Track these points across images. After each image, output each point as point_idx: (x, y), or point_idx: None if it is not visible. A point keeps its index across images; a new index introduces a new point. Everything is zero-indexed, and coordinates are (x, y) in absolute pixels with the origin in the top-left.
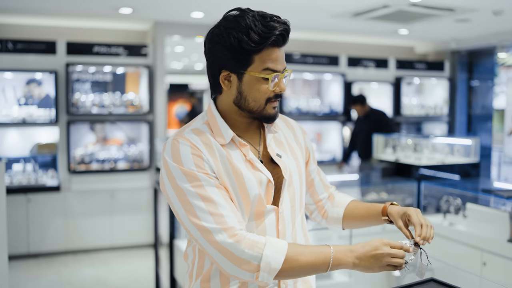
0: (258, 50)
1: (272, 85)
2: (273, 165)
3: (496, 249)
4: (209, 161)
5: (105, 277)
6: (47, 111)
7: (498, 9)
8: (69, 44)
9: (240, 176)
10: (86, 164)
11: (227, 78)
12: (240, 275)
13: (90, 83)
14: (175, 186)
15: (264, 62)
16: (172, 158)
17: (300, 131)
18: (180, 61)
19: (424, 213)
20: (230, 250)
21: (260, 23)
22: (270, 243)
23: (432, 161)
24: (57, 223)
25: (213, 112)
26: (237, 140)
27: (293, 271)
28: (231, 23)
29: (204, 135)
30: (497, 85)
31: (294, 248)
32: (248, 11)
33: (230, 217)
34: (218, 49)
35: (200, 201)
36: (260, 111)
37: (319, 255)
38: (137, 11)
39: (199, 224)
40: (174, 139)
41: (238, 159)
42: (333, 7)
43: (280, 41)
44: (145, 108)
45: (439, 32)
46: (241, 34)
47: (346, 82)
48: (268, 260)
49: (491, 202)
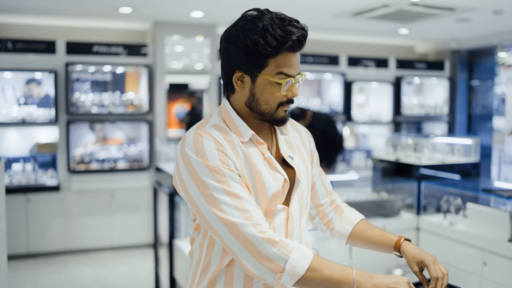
0: (274, 54)
1: (285, 90)
2: (284, 166)
3: (496, 249)
4: (232, 158)
5: (105, 277)
6: (46, 111)
7: (499, 9)
8: (68, 44)
9: (260, 175)
10: (85, 164)
11: (240, 78)
12: (262, 273)
13: (89, 82)
14: (197, 180)
15: (278, 67)
16: (196, 153)
17: (305, 134)
18: (180, 61)
19: (424, 213)
20: (257, 246)
21: (277, 27)
22: (298, 248)
23: (432, 160)
24: (57, 223)
25: (229, 110)
26: (255, 139)
27: (314, 281)
28: (249, 24)
29: (225, 131)
30: (497, 85)
31: (319, 259)
32: (266, 12)
33: (257, 213)
34: (233, 49)
35: (226, 196)
36: (271, 114)
37: (342, 272)
38: (137, 10)
39: (225, 218)
40: (196, 133)
41: (257, 157)
42: (333, 7)
43: (297, 46)
44: (145, 107)
45: (439, 32)
46: (257, 36)
47: (346, 81)
48: (293, 263)
49: (492, 202)
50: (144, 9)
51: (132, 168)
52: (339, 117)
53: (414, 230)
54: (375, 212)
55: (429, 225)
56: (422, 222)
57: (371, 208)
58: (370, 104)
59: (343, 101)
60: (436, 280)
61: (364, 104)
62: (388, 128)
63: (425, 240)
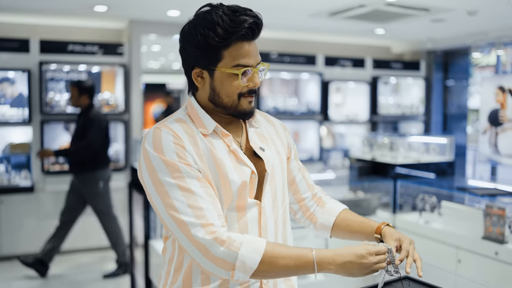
0: (225, 45)
1: (244, 80)
2: (255, 158)
3: (470, 246)
4: (191, 151)
5: (80, 279)
6: (20, 111)
7: (472, 9)
8: (42, 42)
9: (223, 168)
10: (60, 165)
11: (199, 75)
12: (216, 272)
13: (64, 82)
14: (154, 177)
15: (233, 58)
16: (154, 148)
17: (281, 127)
18: (157, 61)
19: (400, 212)
20: (207, 246)
21: (228, 18)
22: (247, 242)
23: (408, 159)
24: (31, 224)
25: (194, 105)
26: (220, 130)
27: (271, 272)
28: (199, 19)
29: (187, 125)
30: (471, 85)
31: (273, 249)
32: (219, 6)
33: (210, 211)
34: (187, 46)
35: (179, 193)
36: (234, 106)
37: (300, 259)
38: (112, 9)
39: (177, 218)
40: (156, 127)
41: (222, 150)
42: (310, 6)
43: (250, 35)
44: (120, 107)
45: (415, 32)
46: (207, 30)
47: (323, 81)
48: (243, 259)
49: (466, 200)
50: (120, 8)
51: None
52: (317, 117)
53: None
54: (351, 210)
55: (405, 223)
56: (398, 220)
57: (348, 207)
58: (347, 103)
59: (320, 101)
60: (407, 254)
61: (341, 103)
62: (365, 127)
63: None
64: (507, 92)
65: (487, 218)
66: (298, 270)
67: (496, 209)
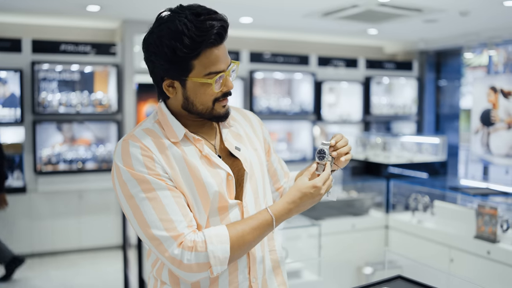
0: (195, 55)
1: (217, 87)
2: (232, 158)
3: (463, 245)
4: (160, 162)
5: (73, 280)
6: (12, 111)
7: (465, 10)
8: (35, 42)
9: (197, 174)
10: (53, 165)
11: (170, 85)
12: (196, 277)
13: (57, 82)
14: (125, 191)
15: (205, 66)
16: (123, 162)
17: (257, 122)
18: None
19: (393, 211)
20: (178, 259)
21: (193, 25)
22: (210, 236)
23: (400, 159)
24: (23, 225)
25: (164, 111)
26: (191, 136)
27: (243, 250)
28: (163, 29)
29: (156, 134)
30: (464, 85)
31: (236, 230)
32: (179, 11)
33: (180, 222)
34: (154, 59)
35: (150, 206)
36: (209, 112)
37: (263, 225)
38: (105, 9)
39: (148, 232)
40: (124, 140)
41: (194, 155)
42: (303, 7)
43: (218, 40)
44: (113, 107)
45: (408, 33)
46: (173, 41)
47: (316, 81)
48: (215, 254)
49: (458, 200)
50: (113, 8)
51: (100, 168)
52: (310, 117)
53: (383, 228)
54: (344, 210)
55: (397, 223)
56: (391, 220)
57: (341, 207)
58: (340, 103)
59: (313, 101)
60: (340, 137)
61: (334, 103)
62: (358, 127)
63: (394, 238)
64: (498, 92)
65: (479, 218)
66: (265, 234)
67: (488, 208)
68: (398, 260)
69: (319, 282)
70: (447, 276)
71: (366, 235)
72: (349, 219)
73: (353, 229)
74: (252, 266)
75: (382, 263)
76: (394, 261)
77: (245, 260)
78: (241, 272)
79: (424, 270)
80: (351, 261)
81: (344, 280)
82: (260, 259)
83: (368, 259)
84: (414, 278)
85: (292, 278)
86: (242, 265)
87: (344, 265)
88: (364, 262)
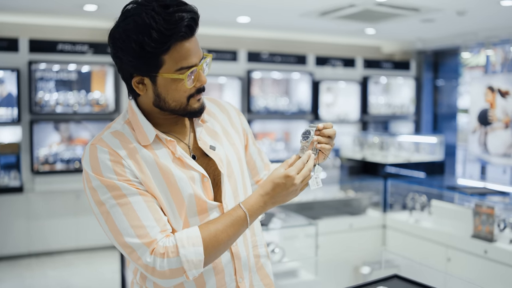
0: (164, 50)
1: (190, 82)
2: (208, 157)
3: (460, 245)
4: (130, 166)
5: (70, 280)
6: (9, 110)
7: (462, 10)
8: (32, 42)
9: (171, 177)
10: (50, 165)
11: (140, 82)
12: (172, 283)
13: (54, 81)
14: (96, 197)
15: (175, 61)
16: (91, 168)
17: (235, 113)
18: None
19: (391, 211)
20: (151, 266)
21: (161, 18)
22: (182, 240)
23: (398, 159)
24: (20, 225)
25: (135, 110)
26: (163, 138)
27: (219, 249)
28: (129, 23)
29: (125, 138)
30: (461, 85)
31: (209, 230)
32: (146, 3)
33: (153, 228)
34: (122, 55)
35: (121, 213)
36: (183, 108)
37: (236, 221)
38: (102, 8)
39: (121, 240)
40: (92, 144)
41: (166, 158)
42: (301, 6)
43: (189, 33)
44: (111, 107)
45: (405, 32)
46: (141, 36)
47: (314, 81)
48: (187, 258)
49: (456, 199)
50: (110, 7)
51: None
52: (308, 116)
53: (381, 228)
54: (342, 210)
55: (395, 222)
56: (389, 219)
57: (338, 207)
58: (338, 103)
59: (311, 101)
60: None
61: (332, 103)
62: (356, 127)
63: (391, 237)
64: (496, 91)
65: (477, 217)
66: (240, 231)
67: (485, 208)
68: (395, 259)
69: (316, 281)
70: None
71: (363, 235)
72: (347, 218)
73: (350, 228)
74: (237, 266)
75: (379, 263)
76: (391, 260)
77: (230, 261)
78: (228, 273)
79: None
80: (348, 260)
81: (341, 280)
82: (245, 258)
83: (365, 259)
84: (411, 277)
85: (289, 278)
86: (227, 266)
87: (341, 265)
88: (361, 262)
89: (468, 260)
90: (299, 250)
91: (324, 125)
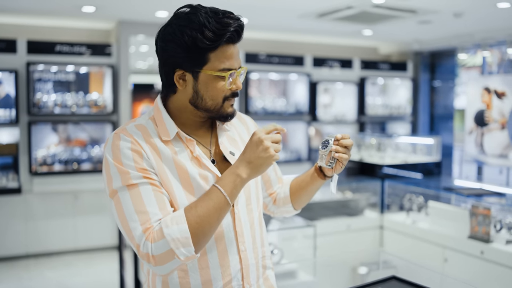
0: (213, 48)
1: (228, 83)
2: (226, 163)
3: (457, 245)
4: (149, 158)
5: (68, 281)
6: (7, 111)
7: (459, 11)
8: (30, 43)
9: (185, 173)
10: (48, 166)
11: (181, 77)
12: (168, 268)
13: (52, 82)
14: (110, 183)
15: (219, 60)
16: (112, 155)
17: (253, 125)
18: (146, 61)
19: (388, 212)
20: (145, 252)
21: (213, 20)
22: (166, 221)
23: (395, 160)
24: (18, 226)
25: (160, 108)
26: (183, 136)
27: (204, 227)
28: (184, 20)
29: (147, 131)
30: (458, 86)
31: (189, 207)
32: (199, 7)
33: (155, 215)
34: (171, 47)
35: (129, 199)
36: (217, 109)
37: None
38: (100, 9)
39: (125, 225)
40: (115, 133)
41: (184, 156)
42: (298, 8)
43: (235, 37)
44: (109, 108)
45: (402, 33)
46: (195, 31)
47: (311, 82)
48: (172, 236)
49: (452, 200)
50: (108, 8)
51: (96, 169)
52: (305, 117)
53: (378, 229)
54: (339, 211)
55: (392, 223)
56: (386, 220)
57: (336, 208)
58: (335, 104)
59: (308, 101)
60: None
61: (329, 104)
62: (353, 128)
63: (388, 238)
64: (492, 92)
65: (473, 218)
66: (222, 210)
67: (481, 209)
68: (393, 260)
69: (314, 282)
70: (441, 276)
71: (361, 236)
72: (344, 219)
73: (348, 229)
74: (245, 273)
75: (377, 263)
76: (388, 261)
77: (239, 267)
78: (235, 279)
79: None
80: (346, 261)
81: (339, 281)
82: (254, 266)
83: (363, 260)
84: (408, 278)
85: (287, 279)
86: (235, 272)
87: (339, 266)
88: (359, 263)
89: (464, 260)
90: (297, 251)
91: (342, 136)
